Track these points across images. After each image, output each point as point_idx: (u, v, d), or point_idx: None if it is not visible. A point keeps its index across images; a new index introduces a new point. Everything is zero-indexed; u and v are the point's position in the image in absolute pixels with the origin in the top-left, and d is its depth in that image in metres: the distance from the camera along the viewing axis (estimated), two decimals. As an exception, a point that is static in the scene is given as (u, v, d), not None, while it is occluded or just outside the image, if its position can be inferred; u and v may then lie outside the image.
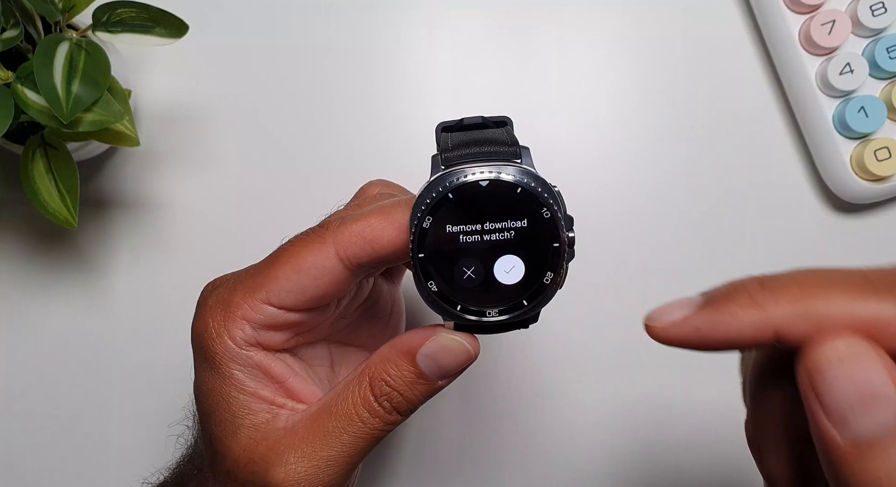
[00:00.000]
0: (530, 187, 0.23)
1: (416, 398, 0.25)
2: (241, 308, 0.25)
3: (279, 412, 0.25)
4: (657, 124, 0.41)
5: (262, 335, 0.25)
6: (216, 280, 0.27)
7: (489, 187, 0.23)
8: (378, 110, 0.42)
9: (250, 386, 0.25)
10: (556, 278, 0.24)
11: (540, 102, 0.42)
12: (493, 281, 0.23)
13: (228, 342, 0.25)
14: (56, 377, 0.41)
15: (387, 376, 0.25)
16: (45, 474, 0.41)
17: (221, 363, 0.25)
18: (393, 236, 0.24)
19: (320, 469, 0.24)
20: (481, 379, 0.41)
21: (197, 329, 0.26)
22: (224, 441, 0.25)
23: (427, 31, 0.42)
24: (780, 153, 0.41)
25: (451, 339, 0.25)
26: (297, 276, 0.24)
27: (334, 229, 0.24)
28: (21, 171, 0.33)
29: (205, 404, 0.26)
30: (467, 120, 0.25)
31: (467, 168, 0.23)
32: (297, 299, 0.25)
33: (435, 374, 0.25)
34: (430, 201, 0.23)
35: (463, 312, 0.24)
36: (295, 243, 0.25)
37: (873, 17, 0.38)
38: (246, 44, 0.42)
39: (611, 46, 0.42)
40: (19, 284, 0.41)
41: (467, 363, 0.25)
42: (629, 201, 0.41)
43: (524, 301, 0.24)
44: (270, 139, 0.42)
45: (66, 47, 0.31)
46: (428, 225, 0.23)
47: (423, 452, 0.41)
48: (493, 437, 0.41)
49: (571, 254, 0.24)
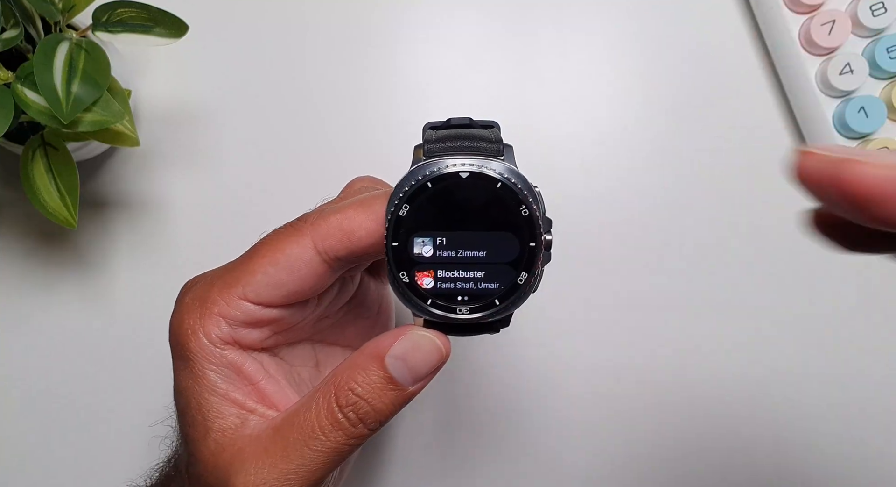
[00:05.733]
0: (511, 183, 0.23)
1: (384, 406, 0.24)
2: (217, 305, 0.24)
3: (248, 418, 0.24)
4: (657, 125, 0.41)
5: (239, 332, 0.24)
6: (195, 277, 0.26)
7: (469, 180, 0.22)
8: (378, 110, 0.42)
9: (221, 388, 0.24)
10: (531, 279, 0.23)
11: (540, 102, 0.42)
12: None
13: (203, 339, 0.24)
14: (56, 377, 0.41)
15: (354, 383, 0.23)
16: (45, 474, 0.41)
17: (195, 361, 0.24)
18: (371, 228, 0.23)
19: (279, 482, 0.23)
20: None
21: (173, 327, 0.25)
22: (196, 442, 0.25)
23: (427, 31, 0.42)
24: (780, 153, 0.41)
25: (421, 336, 0.24)
26: (273, 270, 0.24)
27: (312, 221, 0.24)
28: (21, 171, 0.33)
29: (180, 403, 0.25)
30: (455, 120, 0.24)
31: (448, 159, 0.23)
32: (275, 294, 0.24)
33: (405, 378, 0.24)
34: (408, 189, 0.23)
35: (433, 307, 0.23)
36: (272, 237, 0.25)
37: (873, 17, 0.38)
38: (245, 44, 0.42)
39: (611, 47, 0.42)
40: (19, 284, 0.41)
41: (439, 364, 0.24)
42: (629, 200, 0.41)
43: (496, 301, 0.23)
44: (270, 139, 0.42)
45: (66, 47, 0.31)
46: (404, 213, 0.23)
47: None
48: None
49: (548, 257, 0.23)
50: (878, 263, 0.40)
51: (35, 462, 0.41)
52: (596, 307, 0.41)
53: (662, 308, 0.41)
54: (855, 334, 0.41)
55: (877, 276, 0.41)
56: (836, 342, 0.41)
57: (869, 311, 0.41)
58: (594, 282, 0.41)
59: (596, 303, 0.41)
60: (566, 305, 0.41)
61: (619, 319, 0.41)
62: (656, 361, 0.41)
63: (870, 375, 0.41)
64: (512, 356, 0.41)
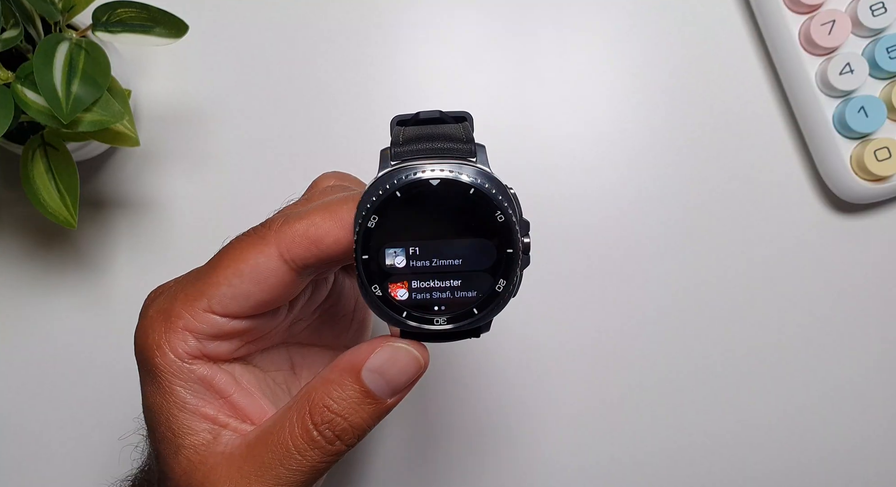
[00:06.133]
0: (484, 189, 0.21)
1: (362, 421, 0.23)
2: (182, 318, 0.23)
3: (220, 432, 0.24)
4: (657, 124, 0.41)
5: (208, 345, 0.23)
6: (159, 287, 0.25)
7: (440, 187, 0.21)
8: (378, 110, 0.42)
9: (192, 404, 0.23)
10: (509, 286, 0.22)
11: (540, 102, 0.42)
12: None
13: (170, 355, 0.23)
14: (56, 377, 0.41)
15: (329, 399, 0.22)
16: (45, 474, 0.41)
17: (163, 378, 0.23)
18: (339, 236, 0.22)
19: None
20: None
21: (138, 341, 0.24)
22: (167, 459, 0.24)
23: (427, 31, 0.42)
24: (780, 153, 0.41)
25: (398, 348, 0.23)
26: (238, 280, 0.23)
27: (276, 228, 0.23)
28: (21, 171, 0.33)
29: (149, 419, 0.24)
30: (423, 114, 0.23)
31: (417, 165, 0.21)
32: (242, 306, 0.23)
33: (383, 391, 0.23)
34: (375, 199, 0.21)
35: (409, 319, 0.22)
36: (236, 246, 0.24)
37: (873, 17, 0.38)
38: (245, 44, 0.42)
39: (611, 47, 0.42)
40: (19, 284, 0.41)
41: (416, 375, 0.23)
42: (629, 200, 0.41)
43: (474, 310, 0.22)
44: (270, 139, 0.42)
45: (66, 47, 0.31)
46: (373, 225, 0.21)
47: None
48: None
49: (526, 261, 0.22)
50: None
51: (35, 462, 0.41)
52: (597, 306, 0.41)
53: (662, 309, 0.41)
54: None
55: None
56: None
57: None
58: (594, 282, 0.41)
59: (596, 303, 0.41)
60: (564, 307, 0.41)
61: (621, 318, 0.41)
62: (658, 362, 0.41)
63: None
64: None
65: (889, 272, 0.41)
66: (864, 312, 0.41)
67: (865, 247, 0.41)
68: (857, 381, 0.41)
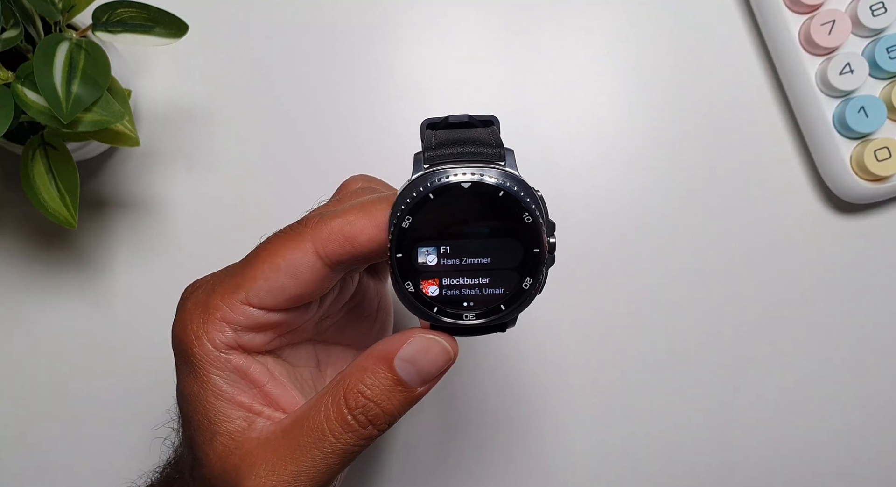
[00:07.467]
0: (513, 191, 0.23)
1: (394, 408, 0.24)
2: (220, 310, 0.24)
3: (255, 420, 0.25)
4: (657, 124, 0.41)
5: (243, 336, 0.25)
6: (196, 282, 0.26)
7: (471, 189, 0.22)
8: (379, 111, 0.42)
9: (227, 392, 0.25)
10: (535, 283, 0.23)
11: (540, 102, 0.42)
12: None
13: (208, 345, 0.24)
14: (56, 377, 0.41)
15: (363, 386, 0.24)
16: (45, 474, 0.41)
17: (200, 366, 0.24)
18: (373, 234, 0.23)
19: (290, 483, 0.24)
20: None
21: (177, 332, 0.25)
22: (202, 446, 0.25)
23: (427, 31, 0.42)
24: (780, 153, 0.41)
25: (429, 339, 0.24)
26: (275, 275, 0.24)
27: (313, 225, 0.24)
28: (21, 171, 0.33)
29: (184, 407, 0.25)
30: (453, 118, 0.24)
31: (450, 169, 0.23)
32: (277, 299, 0.24)
33: (414, 379, 0.24)
34: (410, 201, 0.23)
35: (440, 314, 0.23)
36: (273, 241, 0.25)
37: (873, 17, 0.38)
38: (246, 44, 0.42)
39: (610, 47, 0.42)
40: (19, 284, 0.41)
41: (447, 365, 0.24)
42: (628, 200, 0.41)
43: (502, 306, 0.23)
44: (270, 139, 0.42)
45: (66, 47, 0.31)
46: (407, 225, 0.23)
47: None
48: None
49: (552, 260, 0.24)
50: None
51: (35, 461, 0.41)
52: (597, 307, 0.41)
53: (665, 307, 0.41)
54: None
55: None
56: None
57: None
58: (594, 282, 0.41)
59: (597, 303, 0.41)
60: (568, 305, 0.41)
61: (622, 318, 0.41)
62: (661, 359, 0.41)
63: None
64: (512, 356, 0.41)
65: (889, 272, 0.41)
66: (864, 311, 0.41)
67: (865, 247, 0.41)
68: (858, 381, 0.41)
